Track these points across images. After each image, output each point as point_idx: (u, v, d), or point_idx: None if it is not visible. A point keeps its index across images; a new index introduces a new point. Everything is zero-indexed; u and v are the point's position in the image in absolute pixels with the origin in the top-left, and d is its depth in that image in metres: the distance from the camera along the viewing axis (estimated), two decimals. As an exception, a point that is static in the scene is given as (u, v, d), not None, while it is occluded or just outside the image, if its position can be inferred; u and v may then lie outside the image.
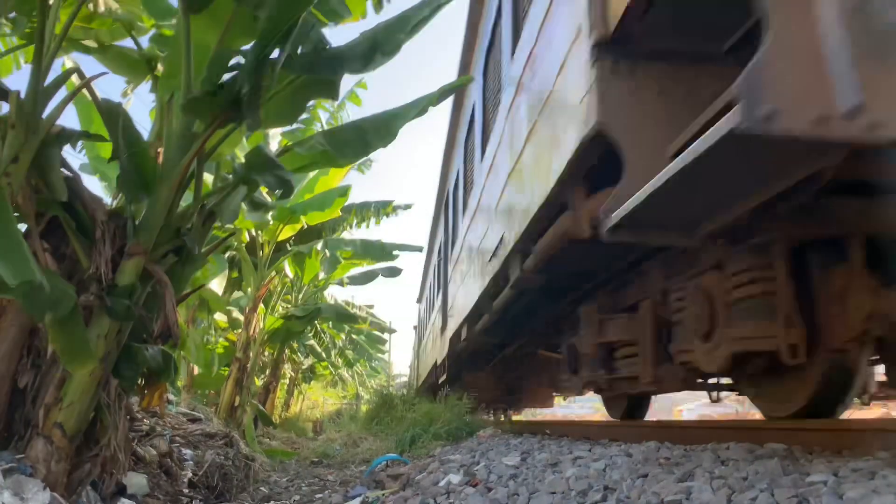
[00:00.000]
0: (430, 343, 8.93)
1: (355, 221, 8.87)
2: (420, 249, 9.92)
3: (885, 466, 1.53)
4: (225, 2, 2.62)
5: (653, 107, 2.15)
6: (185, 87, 2.65)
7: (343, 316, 9.45)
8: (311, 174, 7.50)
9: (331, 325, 13.47)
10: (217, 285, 7.34)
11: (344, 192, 7.17)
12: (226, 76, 2.73)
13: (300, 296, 10.30)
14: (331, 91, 3.01)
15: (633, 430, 3.41)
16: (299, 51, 2.73)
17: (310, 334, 12.53)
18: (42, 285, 2.03)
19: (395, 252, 8.83)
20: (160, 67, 3.23)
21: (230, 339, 9.19)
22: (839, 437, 2.05)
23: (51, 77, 2.64)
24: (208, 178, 3.62)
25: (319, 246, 8.24)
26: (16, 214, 2.37)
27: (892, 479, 1.40)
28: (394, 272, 9.57)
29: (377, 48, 2.68)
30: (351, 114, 8.94)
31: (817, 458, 1.83)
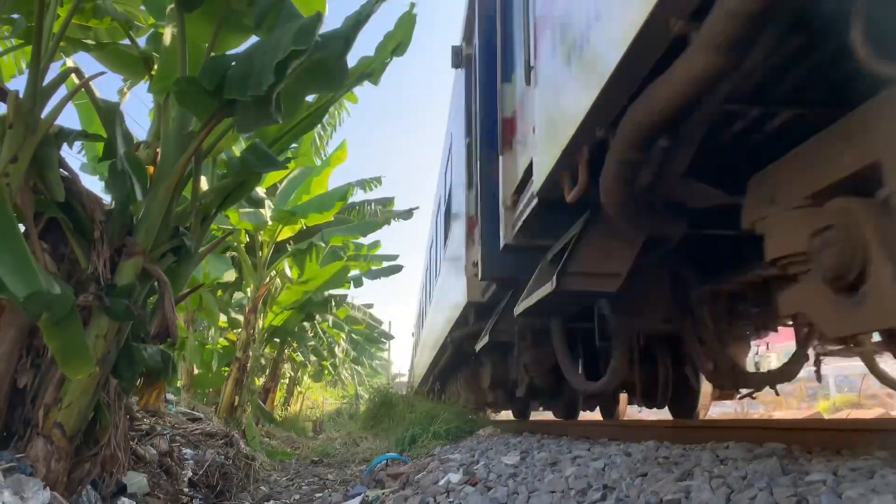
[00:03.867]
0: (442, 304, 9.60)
1: (353, 220, 8.86)
2: (417, 208, 9.88)
3: (885, 466, 1.53)
4: (218, 0, 2.62)
5: None
6: (182, 85, 2.64)
7: (337, 302, 9.42)
8: (307, 176, 7.52)
9: (330, 324, 13.47)
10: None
11: (343, 194, 7.17)
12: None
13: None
14: (333, 83, 2.90)
15: (632, 430, 3.41)
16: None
17: (310, 334, 12.52)
18: (42, 290, 2.03)
19: (391, 219, 8.82)
20: (157, 67, 3.23)
21: (230, 338, 9.19)
22: (838, 437, 2.05)
23: (49, 77, 2.64)
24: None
25: (315, 238, 8.23)
26: (14, 215, 2.37)
27: (891, 478, 1.39)
28: (395, 269, 9.55)
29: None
30: (350, 112, 8.92)
31: (816, 457, 1.83)
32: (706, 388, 4.34)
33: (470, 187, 5.19)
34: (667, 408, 4.89)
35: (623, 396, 5.87)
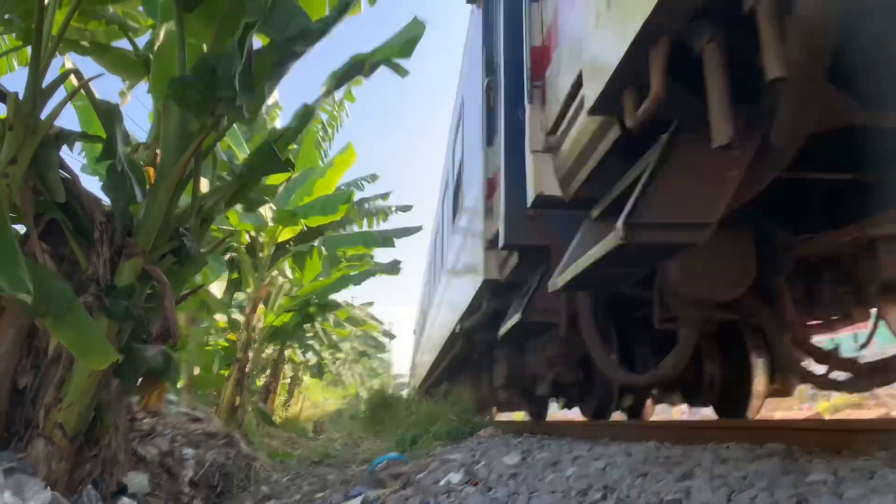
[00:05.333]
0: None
1: (355, 221, 8.86)
2: (420, 229, 9.74)
3: (885, 466, 1.53)
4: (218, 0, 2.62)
5: None
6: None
7: (333, 304, 9.39)
8: (309, 177, 7.51)
9: (331, 322, 13.46)
10: (217, 288, 7.34)
11: (347, 197, 7.10)
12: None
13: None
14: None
15: (633, 430, 3.41)
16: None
17: (310, 333, 12.52)
18: (41, 288, 2.02)
19: (394, 238, 8.78)
20: (155, 68, 3.22)
21: (230, 339, 9.20)
22: (839, 437, 2.05)
23: (49, 78, 2.64)
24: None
25: (318, 242, 8.22)
26: (13, 216, 2.36)
27: (892, 478, 1.39)
28: (394, 268, 9.53)
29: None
30: (349, 112, 8.95)
31: (817, 457, 1.82)
32: (758, 385, 3.56)
33: (490, 143, 4.51)
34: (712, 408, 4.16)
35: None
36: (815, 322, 2.82)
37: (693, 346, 2.60)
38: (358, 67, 3.48)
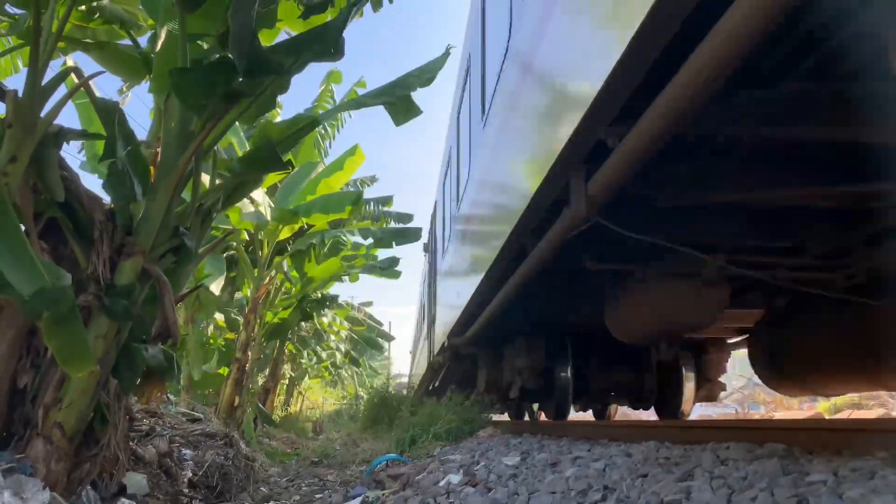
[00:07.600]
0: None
1: (355, 221, 8.86)
2: (419, 231, 9.51)
3: (885, 466, 1.53)
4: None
5: None
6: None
7: (331, 303, 9.36)
8: (313, 175, 7.48)
9: (328, 321, 13.45)
10: (215, 287, 7.32)
11: (356, 198, 6.92)
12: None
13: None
14: (335, 51, 2.76)
15: (632, 430, 3.41)
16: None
17: (310, 333, 12.51)
18: (47, 286, 2.03)
19: (393, 242, 8.72)
20: (157, 66, 3.21)
21: (229, 338, 9.19)
22: (839, 437, 2.05)
23: (49, 76, 2.64)
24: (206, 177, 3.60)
25: (316, 240, 8.18)
26: (14, 214, 2.36)
27: (892, 478, 1.39)
28: (392, 269, 9.51)
29: None
30: (352, 114, 8.94)
31: (817, 457, 1.82)
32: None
33: None
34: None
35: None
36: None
37: None
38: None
